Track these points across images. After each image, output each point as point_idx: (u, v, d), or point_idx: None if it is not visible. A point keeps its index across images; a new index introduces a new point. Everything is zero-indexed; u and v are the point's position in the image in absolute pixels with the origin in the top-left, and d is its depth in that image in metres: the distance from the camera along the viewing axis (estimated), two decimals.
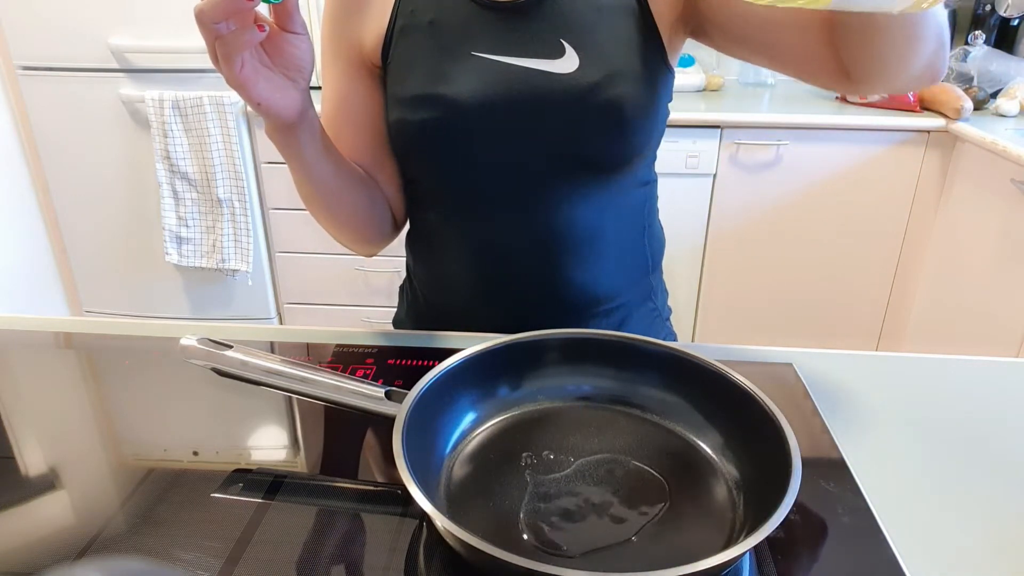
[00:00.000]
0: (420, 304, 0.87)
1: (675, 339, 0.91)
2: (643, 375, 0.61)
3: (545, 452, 0.56)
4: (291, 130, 0.65)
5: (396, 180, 0.81)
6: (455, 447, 0.56)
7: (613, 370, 0.62)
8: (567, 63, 0.69)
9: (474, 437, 0.58)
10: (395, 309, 0.94)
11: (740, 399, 0.54)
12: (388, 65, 0.73)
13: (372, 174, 0.79)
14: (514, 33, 0.70)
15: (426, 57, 0.71)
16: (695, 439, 0.57)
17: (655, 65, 0.72)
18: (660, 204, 0.86)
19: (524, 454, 0.56)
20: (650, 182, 0.82)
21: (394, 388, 0.55)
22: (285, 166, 0.70)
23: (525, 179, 0.73)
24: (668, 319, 0.90)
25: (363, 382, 0.55)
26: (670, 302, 0.92)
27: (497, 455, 0.56)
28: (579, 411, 0.61)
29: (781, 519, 0.42)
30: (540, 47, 0.69)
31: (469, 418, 0.59)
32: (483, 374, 0.59)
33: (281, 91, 0.61)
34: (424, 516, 0.50)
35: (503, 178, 0.73)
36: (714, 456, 0.56)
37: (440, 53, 0.70)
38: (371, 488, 0.55)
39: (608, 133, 0.71)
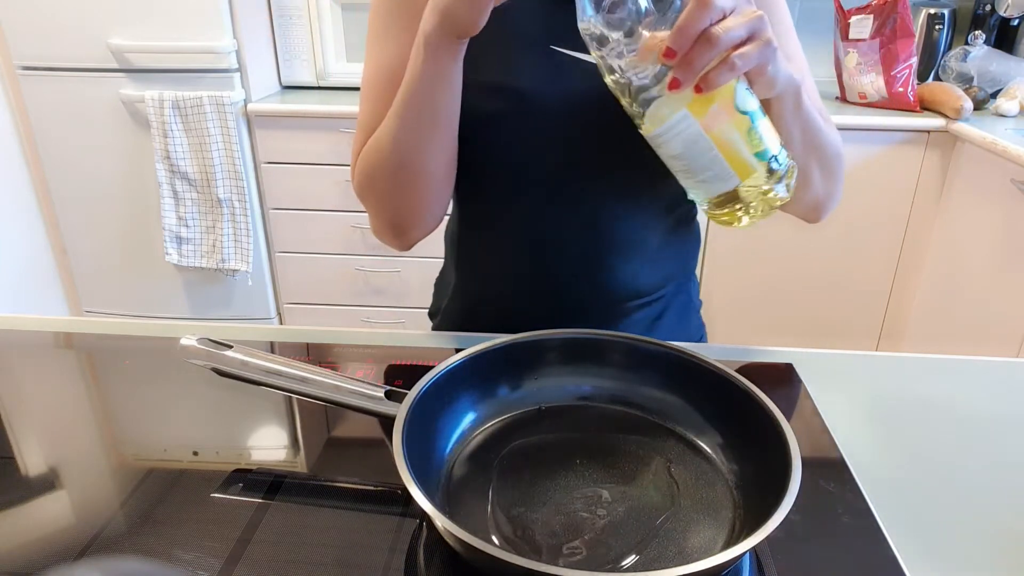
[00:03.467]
0: (461, 294, 0.86)
1: (704, 328, 0.93)
2: (643, 375, 0.61)
3: (545, 452, 0.56)
4: (460, 46, 0.63)
5: None
6: (455, 447, 0.56)
7: (613, 370, 0.62)
8: None
9: (474, 437, 0.58)
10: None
11: (740, 399, 0.54)
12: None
13: None
14: None
15: (501, 45, 0.70)
16: (695, 439, 0.57)
17: None
18: None
19: (524, 454, 0.56)
20: None
21: (394, 388, 0.55)
22: (285, 166, 0.70)
23: (584, 175, 0.74)
24: (699, 309, 0.92)
25: (363, 382, 0.55)
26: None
27: (497, 455, 0.56)
28: (579, 411, 0.61)
29: (781, 519, 0.42)
30: None
31: (469, 418, 0.59)
32: (483, 374, 0.59)
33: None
34: (424, 516, 0.50)
35: (562, 172, 0.74)
36: (714, 456, 0.56)
37: (516, 42, 0.70)
38: (371, 488, 0.55)
39: None
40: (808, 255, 2.07)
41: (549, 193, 0.75)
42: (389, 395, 0.54)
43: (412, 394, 0.53)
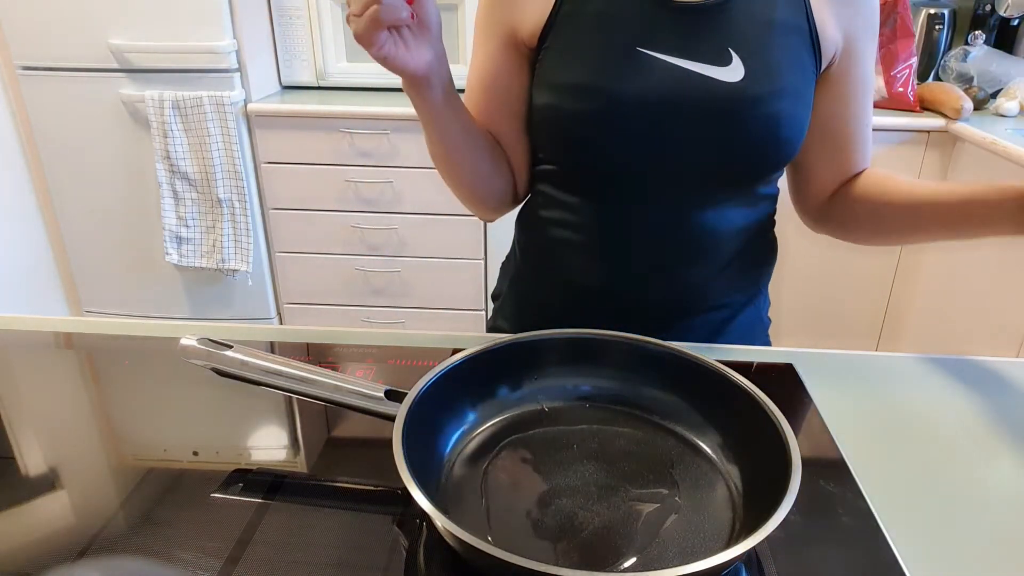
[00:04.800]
0: (525, 282, 0.88)
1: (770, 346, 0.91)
2: (643, 375, 0.61)
3: (545, 452, 0.56)
4: (422, 84, 0.68)
5: (527, 156, 0.83)
6: (455, 447, 0.57)
7: (613, 370, 0.62)
8: (733, 72, 0.69)
9: (474, 437, 0.58)
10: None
11: (740, 399, 0.54)
12: (545, 49, 0.73)
13: (505, 147, 0.81)
14: (683, 35, 0.70)
15: (589, 47, 0.71)
16: (695, 439, 0.57)
17: (811, 85, 0.74)
18: None
19: (524, 454, 0.56)
20: (774, 193, 0.83)
21: (394, 388, 0.55)
22: (285, 166, 0.71)
23: (664, 179, 0.74)
24: (767, 328, 0.90)
25: (363, 382, 0.55)
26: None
27: (497, 455, 0.56)
28: (579, 411, 0.61)
29: (781, 519, 0.42)
30: (708, 52, 0.69)
31: (469, 418, 0.59)
32: (483, 374, 0.59)
33: (409, 49, 0.64)
34: (424, 516, 0.50)
35: (642, 176, 0.74)
36: (714, 456, 0.56)
37: (605, 45, 0.70)
38: (371, 488, 0.55)
39: (760, 147, 0.72)
40: (808, 255, 2.07)
41: (625, 195, 0.75)
42: (389, 395, 0.54)
43: (412, 394, 0.53)
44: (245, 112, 2.05)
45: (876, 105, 2.03)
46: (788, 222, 0.90)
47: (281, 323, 2.34)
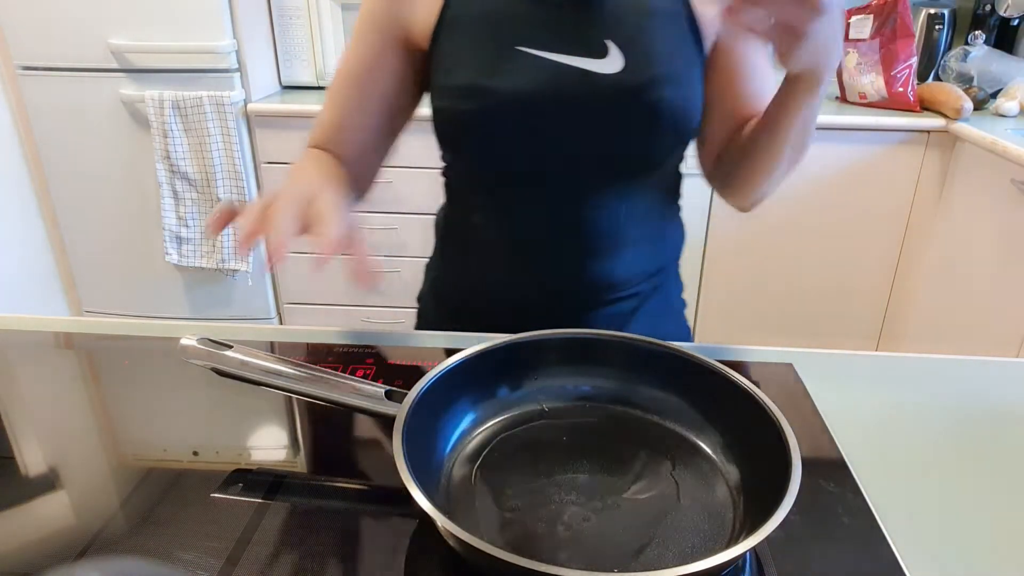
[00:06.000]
0: (443, 283, 0.90)
1: (688, 330, 0.93)
2: (643, 375, 0.61)
3: (545, 452, 0.56)
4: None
5: (374, 154, 0.83)
6: (455, 447, 0.56)
7: (613, 370, 0.62)
8: (611, 63, 0.70)
9: (474, 437, 0.58)
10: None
11: (740, 399, 0.54)
12: (436, 52, 0.74)
13: (353, 140, 0.81)
14: (560, 30, 0.71)
15: (475, 48, 0.72)
16: (695, 439, 0.57)
17: (696, 70, 0.74)
18: None
19: (524, 454, 0.56)
20: (677, 179, 0.84)
21: (394, 388, 0.55)
22: (285, 166, 0.71)
23: (558, 173, 0.75)
24: (682, 311, 0.92)
25: (363, 382, 0.55)
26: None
27: (497, 455, 0.56)
28: (579, 411, 0.61)
29: (781, 519, 0.42)
30: (585, 46, 0.70)
31: (469, 418, 0.59)
32: (483, 374, 0.59)
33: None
34: (424, 516, 0.50)
35: (537, 171, 0.75)
36: (714, 456, 0.56)
37: (488, 45, 0.71)
38: (371, 488, 0.55)
39: (648, 135, 0.72)
40: (808, 255, 2.07)
41: (523, 190, 0.76)
42: (389, 395, 0.54)
43: (412, 394, 0.53)
44: (245, 112, 2.05)
45: (876, 105, 2.03)
46: (787, 222, 0.90)
47: (281, 323, 2.34)
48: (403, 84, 0.79)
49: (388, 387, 0.55)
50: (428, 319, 0.93)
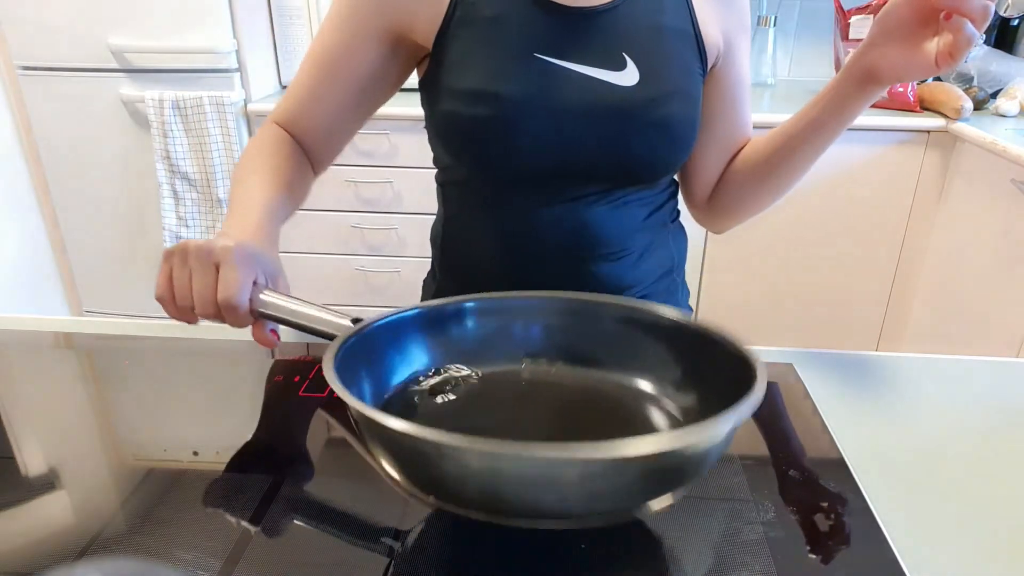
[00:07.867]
0: (444, 295, 0.88)
1: None
2: (595, 328, 0.61)
3: (490, 397, 0.57)
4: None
5: (333, 143, 0.82)
6: (401, 384, 0.58)
7: (564, 323, 0.62)
8: (627, 76, 0.71)
9: (429, 378, 0.59)
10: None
11: (689, 337, 0.55)
12: (442, 54, 0.73)
13: (332, 124, 0.80)
14: (577, 40, 0.71)
15: (485, 53, 0.71)
16: (645, 382, 0.58)
17: (700, 88, 0.76)
18: None
19: (467, 401, 0.57)
20: (675, 187, 0.86)
21: (362, 318, 0.56)
22: None
23: (566, 181, 0.75)
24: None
25: (330, 309, 0.58)
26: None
27: (435, 398, 0.57)
28: (526, 370, 0.61)
29: (761, 395, 0.42)
30: (602, 57, 0.71)
31: (421, 362, 0.60)
32: (435, 327, 0.61)
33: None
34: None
35: (545, 178, 0.75)
36: (665, 394, 0.56)
37: (500, 50, 0.71)
38: (371, 488, 0.55)
39: (656, 147, 0.74)
40: (808, 255, 2.07)
41: (529, 197, 0.76)
42: (356, 322, 0.56)
43: (370, 320, 0.55)
44: (245, 112, 2.05)
45: (876, 105, 2.03)
46: (787, 222, 0.90)
47: None
48: (379, 74, 0.77)
49: (356, 317, 0.57)
50: None
